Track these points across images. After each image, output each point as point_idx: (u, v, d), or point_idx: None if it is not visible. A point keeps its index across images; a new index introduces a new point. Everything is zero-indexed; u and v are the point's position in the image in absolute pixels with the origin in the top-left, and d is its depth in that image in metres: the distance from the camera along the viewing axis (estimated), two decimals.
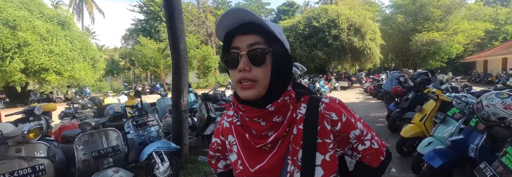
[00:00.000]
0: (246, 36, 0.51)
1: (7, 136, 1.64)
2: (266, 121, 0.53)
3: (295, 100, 0.57)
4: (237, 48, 0.52)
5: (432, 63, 18.85)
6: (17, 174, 1.60)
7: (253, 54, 0.50)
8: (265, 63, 0.51)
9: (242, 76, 0.50)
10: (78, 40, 13.35)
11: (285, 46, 0.54)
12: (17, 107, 11.49)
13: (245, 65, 0.50)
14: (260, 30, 0.51)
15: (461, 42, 17.49)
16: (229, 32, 0.53)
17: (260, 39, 0.51)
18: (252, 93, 0.51)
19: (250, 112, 0.54)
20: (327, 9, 17.34)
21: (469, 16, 19.23)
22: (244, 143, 0.58)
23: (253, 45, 0.51)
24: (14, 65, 10.37)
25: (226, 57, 0.54)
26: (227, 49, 0.54)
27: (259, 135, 0.55)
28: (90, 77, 13.56)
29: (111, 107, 3.11)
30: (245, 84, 0.51)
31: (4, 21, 10.58)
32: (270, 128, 0.54)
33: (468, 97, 2.52)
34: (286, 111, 0.55)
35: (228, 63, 0.54)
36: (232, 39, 0.53)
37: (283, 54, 0.53)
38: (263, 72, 0.51)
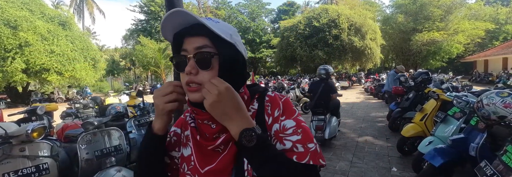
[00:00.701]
0: (194, 38, 0.50)
1: (11, 135, 1.65)
2: (216, 123, 0.53)
3: (248, 101, 0.57)
4: (185, 51, 0.51)
5: (433, 63, 18.85)
6: (21, 173, 1.62)
7: (199, 58, 0.50)
8: (211, 66, 0.50)
9: (188, 79, 0.50)
10: (79, 40, 13.39)
11: (237, 48, 0.53)
12: (18, 107, 11.52)
13: (192, 68, 0.49)
14: (208, 32, 0.49)
15: (462, 42, 17.48)
16: (178, 33, 0.52)
17: (207, 42, 0.50)
18: (198, 96, 0.50)
19: (200, 114, 0.53)
20: (328, 9, 17.35)
21: (469, 15, 19.23)
22: (196, 144, 0.57)
23: (199, 48, 0.50)
24: (15, 65, 10.41)
25: (175, 60, 0.54)
26: (177, 51, 0.53)
27: (210, 137, 0.54)
28: (91, 77, 13.60)
29: (113, 107, 3.13)
30: (192, 86, 0.50)
31: (6, 22, 10.62)
32: (220, 130, 0.53)
33: (469, 96, 2.54)
34: None
35: (177, 66, 0.54)
36: (182, 40, 0.52)
37: (234, 57, 0.52)
38: (210, 75, 0.50)
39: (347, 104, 8.40)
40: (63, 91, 15.01)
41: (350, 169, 2.89)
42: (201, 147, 0.56)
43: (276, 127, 0.54)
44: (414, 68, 17.65)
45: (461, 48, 18.07)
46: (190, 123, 0.60)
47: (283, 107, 0.57)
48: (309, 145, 0.52)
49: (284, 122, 0.55)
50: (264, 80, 12.74)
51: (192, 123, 0.59)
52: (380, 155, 3.30)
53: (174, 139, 0.65)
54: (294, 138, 0.52)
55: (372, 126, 5.03)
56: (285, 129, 0.54)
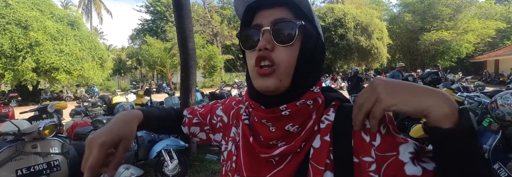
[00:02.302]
0: (271, 10, 0.41)
1: (24, 132, 1.69)
2: (276, 127, 0.41)
3: (322, 108, 0.43)
4: (259, 25, 0.41)
5: (441, 63, 18.50)
6: (33, 170, 1.65)
7: (279, 29, 0.39)
8: (293, 41, 0.39)
9: (260, 55, 0.38)
10: (87, 40, 13.63)
11: (317, 29, 0.43)
12: (29, 105, 11.80)
13: (267, 42, 0.38)
14: (291, 4, 0.40)
15: (472, 41, 17.11)
16: (251, 5, 0.43)
17: (288, 14, 0.40)
18: (272, 82, 0.38)
19: (258, 110, 0.42)
20: (334, 8, 17.22)
21: (479, 14, 18.80)
22: (247, 147, 0.47)
23: (280, 20, 0.40)
24: (26, 64, 10.66)
25: (244, 34, 0.43)
26: (246, 26, 0.43)
27: (266, 143, 0.43)
28: (98, 76, 13.82)
29: (121, 105, 3.17)
30: (264, 68, 0.38)
31: (17, 22, 10.88)
32: (280, 137, 0.41)
33: (481, 96, 2.47)
34: (305, 120, 0.41)
35: (245, 42, 0.43)
36: (254, 15, 0.43)
37: (316, 36, 0.42)
38: (288, 53, 0.39)
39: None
40: (72, 90, 15.31)
41: None
42: (251, 151, 0.45)
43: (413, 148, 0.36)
44: (422, 68, 17.35)
45: (471, 47, 17.69)
46: (244, 120, 0.48)
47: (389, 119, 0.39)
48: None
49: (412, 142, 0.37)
50: None
51: (247, 120, 0.48)
52: None
53: (220, 124, 0.56)
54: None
55: None
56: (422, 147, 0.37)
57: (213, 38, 24.65)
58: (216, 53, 20.08)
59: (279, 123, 0.41)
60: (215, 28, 24.36)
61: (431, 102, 0.31)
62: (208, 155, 3.31)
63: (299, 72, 0.39)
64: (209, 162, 3.13)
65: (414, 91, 0.32)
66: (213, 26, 24.28)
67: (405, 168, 0.35)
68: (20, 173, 1.59)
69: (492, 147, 1.86)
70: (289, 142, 0.41)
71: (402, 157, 0.35)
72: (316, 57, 0.42)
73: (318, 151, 0.40)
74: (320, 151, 0.39)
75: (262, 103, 0.41)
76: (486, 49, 19.81)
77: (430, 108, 0.30)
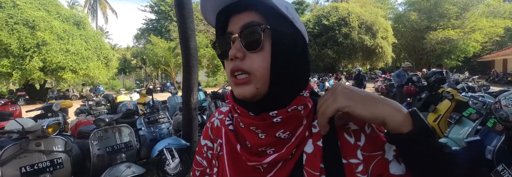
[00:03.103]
0: (241, 14, 0.39)
1: (28, 130, 1.73)
2: (267, 134, 0.39)
3: (311, 113, 0.42)
4: (230, 32, 0.40)
5: (448, 62, 18.20)
6: (37, 167, 1.69)
7: (246, 35, 0.37)
8: (261, 46, 0.37)
9: (233, 67, 0.38)
10: (92, 40, 13.82)
11: (295, 25, 0.39)
12: (36, 103, 12.03)
13: (237, 50, 0.37)
14: (259, 5, 0.37)
15: (479, 40, 16.78)
16: (221, 12, 0.41)
17: (257, 18, 0.38)
18: (249, 90, 0.37)
19: (246, 117, 0.40)
20: (338, 7, 17.08)
21: (487, 13, 18.38)
22: (232, 154, 0.44)
23: (247, 25, 0.38)
24: (33, 63, 10.87)
25: (217, 44, 0.42)
26: (221, 35, 0.42)
27: (254, 150, 0.41)
28: (104, 75, 14.01)
29: (124, 104, 3.21)
30: (239, 78, 0.38)
31: (25, 22, 11.08)
32: (270, 144, 0.40)
33: (486, 97, 2.43)
34: (296, 126, 0.40)
35: (220, 52, 0.42)
36: (227, 21, 0.41)
37: (292, 35, 0.39)
38: (260, 59, 0.37)
39: None
40: (78, 89, 15.56)
41: None
42: (237, 160, 0.43)
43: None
44: (428, 68, 17.11)
45: (478, 46, 17.34)
46: (227, 125, 0.46)
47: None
48: None
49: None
50: None
51: (231, 125, 0.46)
52: None
53: (210, 153, 0.52)
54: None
55: None
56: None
57: None
58: None
59: (270, 130, 0.39)
60: None
61: (385, 109, 0.32)
62: None
63: (276, 76, 0.37)
64: None
65: (370, 98, 0.34)
66: None
67: (389, 167, 0.36)
68: (24, 170, 1.63)
69: (497, 148, 1.83)
70: (278, 148, 0.40)
71: (388, 155, 0.36)
72: (296, 58, 0.39)
73: (311, 156, 0.39)
74: (313, 157, 0.38)
75: (249, 108, 0.39)
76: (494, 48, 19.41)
77: (386, 115, 0.32)
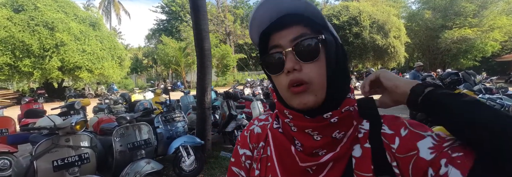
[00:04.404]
0: (286, 30, 0.41)
1: (59, 127, 1.86)
2: (323, 135, 0.40)
3: (357, 114, 0.44)
4: (278, 47, 0.41)
5: (464, 62, 17.57)
6: (67, 161, 1.82)
7: (301, 48, 0.39)
8: (318, 56, 0.39)
9: (292, 79, 0.39)
10: (107, 40, 14.30)
11: (333, 33, 0.43)
12: (54, 101, 12.59)
13: (294, 63, 0.39)
14: (302, 19, 0.40)
15: (498, 39, 16.08)
16: (264, 31, 0.43)
17: (305, 30, 0.40)
18: (310, 98, 0.39)
19: (302, 121, 0.41)
20: (348, 6, 16.81)
21: (508, 10, 17.56)
22: (282, 156, 0.45)
23: (298, 38, 0.40)
24: (52, 63, 11.38)
25: (267, 60, 0.43)
26: (265, 52, 0.44)
27: (309, 152, 0.42)
28: (117, 74, 14.47)
29: (141, 103, 3.35)
30: (298, 87, 0.39)
31: (44, 23, 11.62)
32: (325, 145, 0.41)
33: (504, 99, 2.38)
34: (348, 126, 0.42)
35: (271, 68, 0.43)
36: (268, 39, 0.43)
37: (335, 43, 0.42)
38: (317, 68, 0.39)
39: None
40: (93, 88, 16.12)
41: None
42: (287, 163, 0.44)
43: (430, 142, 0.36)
44: (442, 68, 16.58)
45: (497, 46, 16.61)
46: (276, 128, 0.47)
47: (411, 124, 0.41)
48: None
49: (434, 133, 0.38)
50: None
51: (280, 129, 0.47)
52: None
53: (247, 163, 0.52)
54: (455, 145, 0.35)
55: None
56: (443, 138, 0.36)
57: (226, 37, 24.93)
58: (229, 52, 20.31)
59: (326, 131, 0.40)
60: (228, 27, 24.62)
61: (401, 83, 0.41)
62: (223, 152, 3.42)
63: (332, 83, 0.40)
64: (224, 159, 3.23)
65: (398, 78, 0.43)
66: (226, 26, 24.56)
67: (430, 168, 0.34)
68: (56, 163, 1.76)
69: None
70: (332, 149, 0.41)
71: (423, 154, 0.35)
72: (342, 62, 0.42)
73: (361, 159, 0.40)
74: (363, 159, 0.40)
75: (306, 112, 0.40)
76: None
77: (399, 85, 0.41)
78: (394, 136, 0.39)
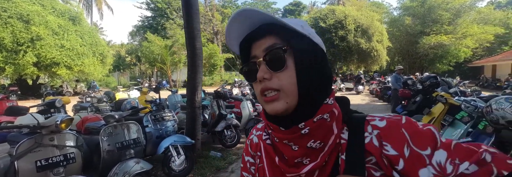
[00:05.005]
0: (262, 40, 0.43)
1: (43, 125, 1.76)
2: (299, 146, 0.42)
3: (340, 119, 0.44)
4: (255, 57, 0.44)
5: (440, 67, 18.71)
6: (51, 161, 1.73)
7: (270, 58, 0.41)
8: (285, 65, 0.40)
9: (263, 87, 0.41)
10: (88, 36, 13.63)
11: (313, 40, 0.43)
12: (29, 99, 11.79)
13: (264, 72, 0.41)
14: (276, 29, 0.41)
15: (470, 46, 17.31)
16: (244, 40, 0.45)
17: (277, 40, 0.42)
18: (280, 105, 0.40)
19: (278, 132, 0.43)
20: (335, 10, 17.33)
21: (479, 19, 19.00)
22: (272, 166, 0.47)
23: (269, 48, 0.42)
24: (27, 58, 10.66)
25: (244, 69, 0.46)
26: (246, 61, 0.46)
27: (291, 162, 0.43)
28: (99, 72, 13.84)
29: (128, 102, 3.25)
30: (269, 95, 0.41)
31: (19, 16, 10.86)
32: (304, 155, 0.42)
33: (477, 101, 2.58)
34: (325, 134, 0.42)
35: (247, 76, 0.46)
36: (250, 47, 0.45)
37: (311, 50, 0.42)
38: (287, 76, 0.41)
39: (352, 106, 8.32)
40: (71, 85, 15.29)
41: None
42: (277, 172, 0.46)
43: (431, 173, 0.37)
44: (420, 72, 17.55)
45: (469, 52, 17.89)
46: (265, 139, 0.49)
47: (412, 136, 0.39)
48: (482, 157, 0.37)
49: (435, 159, 0.37)
50: None
51: (268, 139, 0.49)
52: None
53: (252, 169, 0.55)
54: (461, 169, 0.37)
55: None
56: (444, 168, 0.37)
57: (213, 36, 24.69)
58: (216, 52, 20.14)
59: (300, 141, 0.41)
60: (216, 26, 24.40)
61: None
62: (212, 152, 3.40)
63: (303, 90, 0.41)
64: (213, 158, 3.22)
65: None
66: (214, 25, 24.33)
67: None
68: (39, 164, 1.67)
69: None
70: (313, 158, 0.42)
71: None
72: (318, 69, 0.42)
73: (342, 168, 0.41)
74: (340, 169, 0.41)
75: (280, 124, 0.42)
76: (484, 54, 20.05)
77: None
78: (398, 158, 0.38)
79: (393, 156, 0.39)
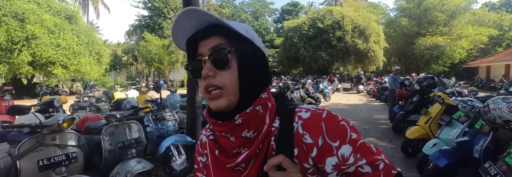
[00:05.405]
0: (209, 39, 0.46)
1: (45, 124, 1.75)
2: (235, 136, 0.46)
3: (273, 111, 0.48)
4: (201, 55, 0.46)
5: (435, 68, 18.95)
6: (53, 160, 1.72)
7: (215, 57, 0.44)
8: (229, 65, 0.44)
9: (207, 84, 0.45)
10: (84, 35, 13.48)
11: (255, 44, 0.48)
12: (23, 98, 11.63)
13: (208, 70, 0.44)
14: (222, 31, 0.45)
15: (465, 47, 17.58)
16: (191, 38, 0.48)
17: (222, 41, 0.45)
18: (222, 102, 0.44)
19: (217, 125, 0.47)
20: (332, 11, 17.43)
21: (473, 21, 19.30)
22: (216, 161, 0.50)
23: (214, 48, 0.45)
24: (22, 57, 10.50)
25: (190, 66, 0.49)
26: (193, 58, 0.48)
27: (230, 153, 0.47)
28: (95, 71, 13.70)
29: (128, 101, 3.24)
30: (213, 93, 0.44)
31: (14, 14, 10.69)
32: (241, 144, 0.46)
33: (474, 101, 2.63)
34: (259, 124, 0.46)
35: (193, 73, 0.48)
36: (197, 45, 0.47)
37: (253, 53, 0.47)
38: (230, 76, 0.44)
39: (349, 106, 8.50)
40: (67, 85, 15.12)
41: None
42: (220, 165, 0.50)
43: (334, 161, 0.44)
44: (416, 72, 17.74)
45: (464, 53, 18.16)
46: (209, 135, 0.52)
47: (328, 128, 0.45)
48: (377, 163, 0.46)
49: (341, 152, 0.45)
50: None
51: (211, 135, 0.52)
52: None
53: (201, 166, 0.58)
54: (359, 163, 0.45)
55: (375, 128, 5.13)
56: (346, 159, 0.44)
57: None
58: None
59: (235, 132, 0.45)
60: None
61: None
62: None
63: (244, 88, 0.45)
64: None
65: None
66: None
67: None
68: (42, 163, 1.66)
69: (483, 148, 2.01)
70: (249, 147, 0.45)
71: (327, 168, 0.45)
72: (258, 70, 0.47)
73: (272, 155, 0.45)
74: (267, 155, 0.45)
75: (219, 118, 0.46)
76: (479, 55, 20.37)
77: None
78: (313, 146, 0.44)
79: (309, 144, 0.45)
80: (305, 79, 12.00)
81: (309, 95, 7.53)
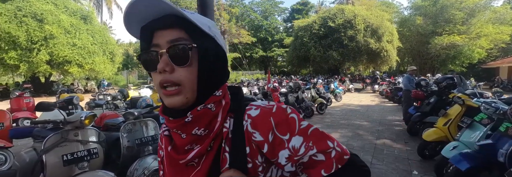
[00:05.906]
0: (167, 31, 0.43)
1: (68, 121, 1.82)
2: (185, 133, 0.45)
3: (226, 108, 0.47)
4: (157, 46, 0.43)
5: (452, 68, 18.27)
6: (76, 155, 1.78)
7: (175, 52, 0.42)
8: (189, 61, 0.42)
9: (163, 79, 0.42)
10: (98, 34, 13.91)
11: (217, 41, 0.46)
12: (41, 96, 12.12)
13: (166, 64, 0.42)
14: (184, 23, 0.42)
15: (484, 46, 16.83)
16: (146, 26, 0.44)
17: (183, 35, 0.43)
18: (179, 100, 0.43)
19: (169, 122, 0.46)
20: (344, 10, 17.13)
21: (494, 19, 18.41)
22: (169, 156, 0.49)
23: (174, 41, 0.42)
24: (40, 56, 10.96)
25: (144, 57, 0.45)
26: (146, 48, 0.45)
27: (182, 149, 0.47)
28: (109, 70, 14.11)
29: (143, 100, 3.30)
30: (169, 89, 0.43)
31: (33, 15, 11.16)
32: (191, 141, 0.45)
33: (498, 103, 2.52)
34: (209, 122, 0.45)
35: (147, 64, 0.45)
36: (152, 35, 0.44)
37: (214, 51, 0.45)
38: (188, 73, 0.43)
39: (362, 106, 8.34)
40: (82, 83, 15.64)
41: (371, 170, 2.94)
42: (173, 160, 0.48)
43: (287, 154, 0.44)
44: (432, 73, 17.18)
45: (483, 53, 17.39)
46: (164, 131, 0.52)
47: (276, 123, 0.44)
48: (328, 151, 0.45)
49: (292, 144, 0.44)
50: (277, 79, 12.80)
51: (167, 131, 0.52)
52: (400, 158, 3.32)
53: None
54: (310, 153, 0.44)
55: (389, 129, 5.01)
56: (297, 151, 0.44)
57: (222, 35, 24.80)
58: None
59: (186, 129, 0.44)
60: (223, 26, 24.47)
61: None
62: None
63: (202, 86, 0.44)
64: None
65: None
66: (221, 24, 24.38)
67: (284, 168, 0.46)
68: (66, 158, 1.72)
69: (509, 151, 1.92)
70: (201, 144, 0.45)
71: (281, 161, 0.45)
72: (218, 69, 0.46)
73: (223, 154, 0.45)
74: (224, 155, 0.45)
75: (171, 115, 0.45)
76: (500, 55, 19.45)
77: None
78: (264, 143, 0.44)
79: (260, 142, 0.44)
80: (315, 79, 11.89)
81: (320, 95, 7.44)
